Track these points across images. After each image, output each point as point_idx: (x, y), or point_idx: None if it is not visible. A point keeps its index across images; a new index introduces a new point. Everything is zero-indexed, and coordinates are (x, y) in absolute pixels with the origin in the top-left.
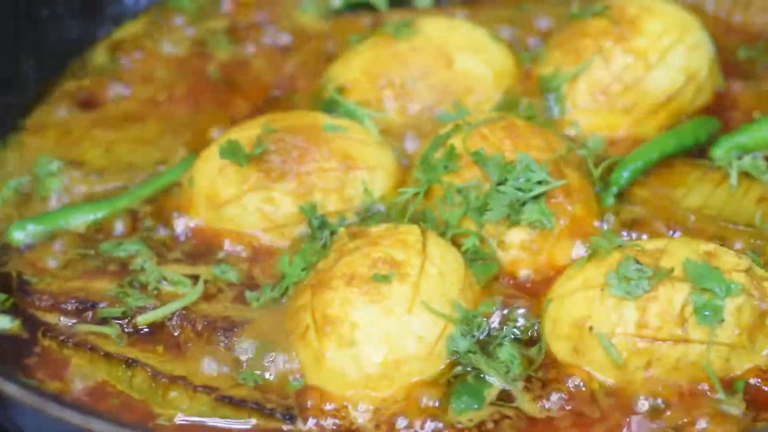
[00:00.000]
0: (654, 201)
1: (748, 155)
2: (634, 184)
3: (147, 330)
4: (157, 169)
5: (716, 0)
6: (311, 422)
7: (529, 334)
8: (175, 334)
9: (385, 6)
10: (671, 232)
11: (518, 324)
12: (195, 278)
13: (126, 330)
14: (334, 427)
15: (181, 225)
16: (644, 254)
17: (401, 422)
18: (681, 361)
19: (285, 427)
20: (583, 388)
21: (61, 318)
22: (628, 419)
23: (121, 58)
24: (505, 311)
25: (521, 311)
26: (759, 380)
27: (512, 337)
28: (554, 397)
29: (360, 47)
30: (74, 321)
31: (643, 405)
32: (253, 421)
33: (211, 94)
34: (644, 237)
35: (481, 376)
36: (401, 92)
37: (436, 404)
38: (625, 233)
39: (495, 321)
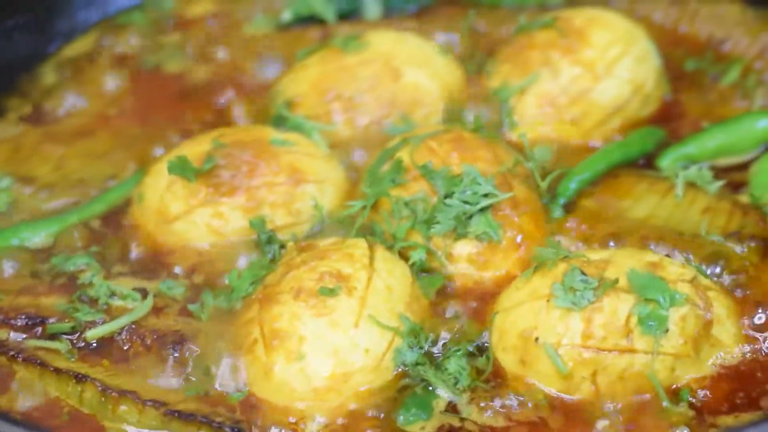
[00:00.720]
0: (601, 212)
1: (694, 165)
2: (581, 195)
3: (96, 345)
4: (107, 184)
5: (663, 10)
6: None
7: (478, 345)
8: (125, 348)
9: (334, 19)
10: (617, 242)
11: (466, 336)
12: (144, 292)
13: (76, 345)
14: None
15: (130, 240)
16: (590, 265)
17: None
18: (627, 371)
19: None
20: (530, 399)
21: (11, 333)
22: (574, 429)
23: (71, 74)
24: (453, 323)
25: (469, 323)
26: (705, 389)
27: (460, 348)
28: (501, 408)
29: (308, 61)
30: (24, 336)
31: (589, 415)
32: None
33: (161, 108)
34: (591, 248)
35: (430, 387)
36: (349, 105)
37: (384, 415)
38: (571, 244)
39: (443, 333)
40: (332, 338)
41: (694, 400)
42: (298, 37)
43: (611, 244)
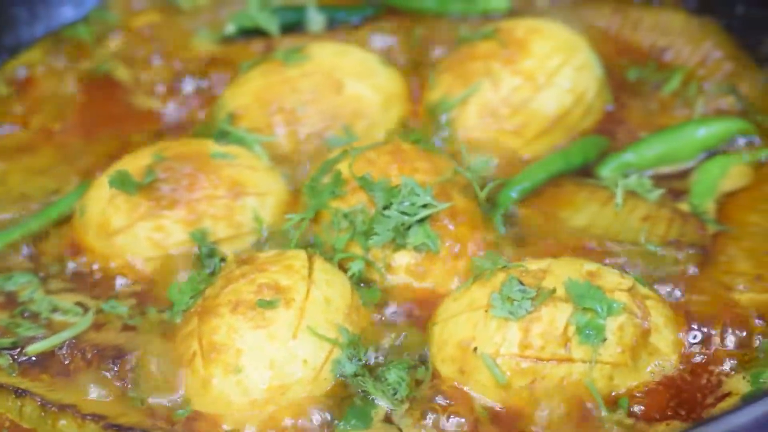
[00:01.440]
0: (541, 221)
1: (634, 174)
2: (522, 204)
3: (37, 359)
4: (50, 199)
5: (606, 20)
6: None
7: (418, 356)
8: (66, 363)
9: (278, 32)
10: (557, 252)
11: (406, 346)
12: (86, 307)
13: (17, 360)
14: None
15: (73, 254)
16: (528, 275)
17: None
18: (565, 380)
19: None
20: (469, 409)
21: None
22: None
23: (15, 88)
24: (392, 334)
25: (409, 333)
26: (643, 397)
27: (401, 360)
28: (437, 417)
29: (251, 73)
30: None
31: (528, 424)
32: None
33: (105, 121)
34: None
35: (370, 397)
36: (292, 118)
37: (325, 426)
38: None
39: (383, 344)
40: (270, 350)
41: (632, 408)
42: (242, 50)
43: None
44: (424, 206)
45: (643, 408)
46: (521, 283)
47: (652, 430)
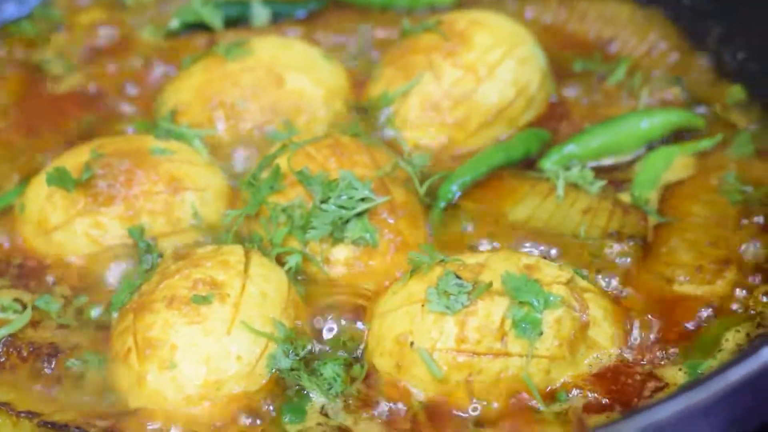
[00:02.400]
0: (482, 214)
1: (576, 166)
2: (463, 197)
3: None
4: None
5: (553, 12)
6: None
7: (355, 351)
8: (1, 360)
9: (221, 26)
10: (496, 245)
11: (343, 341)
12: (24, 304)
13: None
14: None
15: (12, 251)
16: (465, 269)
17: None
18: (502, 374)
19: None
20: (405, 404)
21: None
22: None
23: None
24: (330, 328)
25: (348, 328)
26: (580, 390)
27: (336, 354)
28: (375, 412)
29: (192, 69)
30: None
31: (465, 419)
32: None
33: (48, 118)
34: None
35: (304, 391)
36: (232, 113)
37: (260, 421)
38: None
39: (321, 338)
40: (204, 346)
41: (569, 401)
42: (185, 45)
43: (490, 246)
44: (363, 200)
45: (581, 400)
46: (458, 277)
47: (590, 421)
